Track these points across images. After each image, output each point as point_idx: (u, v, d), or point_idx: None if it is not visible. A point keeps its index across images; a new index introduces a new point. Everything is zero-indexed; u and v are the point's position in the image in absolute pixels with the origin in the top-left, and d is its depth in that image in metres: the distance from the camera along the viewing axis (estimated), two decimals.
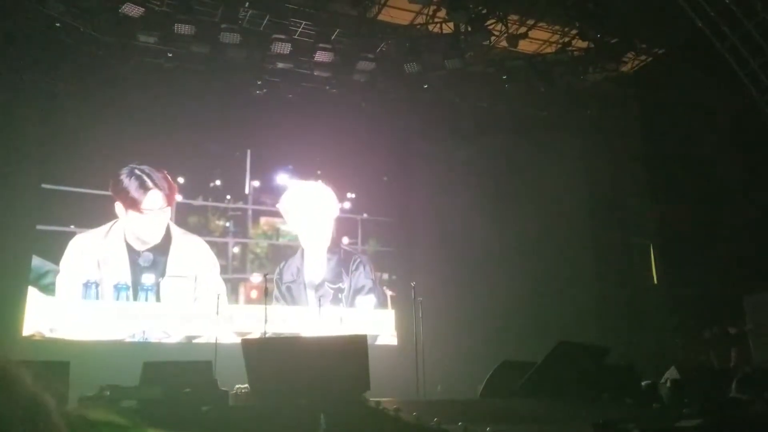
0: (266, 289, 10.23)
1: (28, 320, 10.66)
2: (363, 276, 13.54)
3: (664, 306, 12.38)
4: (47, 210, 11.24)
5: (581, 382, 7.34)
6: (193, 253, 12.24)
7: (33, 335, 10.59)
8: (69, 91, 11.26)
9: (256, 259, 12.90)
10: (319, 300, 11.89)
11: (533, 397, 7.06)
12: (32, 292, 10.85)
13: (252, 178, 13.01)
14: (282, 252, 13.13)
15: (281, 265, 12.98)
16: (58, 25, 10.37)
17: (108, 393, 6.09)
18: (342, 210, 13.56)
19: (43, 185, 11.27)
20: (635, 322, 12.67)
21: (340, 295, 13.14)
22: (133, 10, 9.71)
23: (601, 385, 7.40)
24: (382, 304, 13.47)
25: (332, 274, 13.25)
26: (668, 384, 7.26)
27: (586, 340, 9.51)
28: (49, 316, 10.83)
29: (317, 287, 13.02)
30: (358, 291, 13.45)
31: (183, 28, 10.14)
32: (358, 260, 13.63)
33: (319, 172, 13.40)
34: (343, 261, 13.46)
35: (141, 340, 11.29)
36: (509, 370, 7.85)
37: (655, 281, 12.74)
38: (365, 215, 13.70)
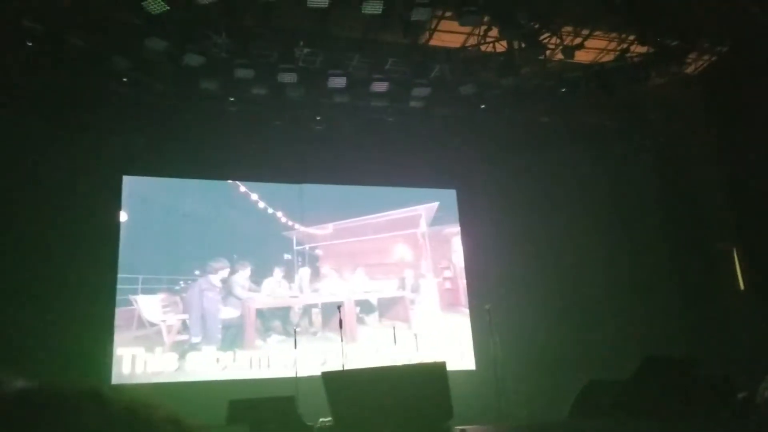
0: (341, 321, 10.19)
1: (128, 366, 10.96)
2: None
3: (754, 312, 11.74)
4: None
5: (673, 397, 7.03)
6: None
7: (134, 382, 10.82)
8: (142, 143, 11.72)
9: None
10: None
11: (624, 416, 6.80)
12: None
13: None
14: None
15: None
16: (125, 80, 10.89)
17: None
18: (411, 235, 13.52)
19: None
20: (725, 331, 12.07)
21: None
22: (194, 60, 10.09)
23: (695, 400, 7.07)
24: None
25: None
26: (766, 394, 6.86)
27: (674, 353, 9.13)
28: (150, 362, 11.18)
29: None
30: None
31: (242, 72, 10.47)
32: None
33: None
34: None
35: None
36: (596, 390, 7.61)
37: (742, 287, 12.12)
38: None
